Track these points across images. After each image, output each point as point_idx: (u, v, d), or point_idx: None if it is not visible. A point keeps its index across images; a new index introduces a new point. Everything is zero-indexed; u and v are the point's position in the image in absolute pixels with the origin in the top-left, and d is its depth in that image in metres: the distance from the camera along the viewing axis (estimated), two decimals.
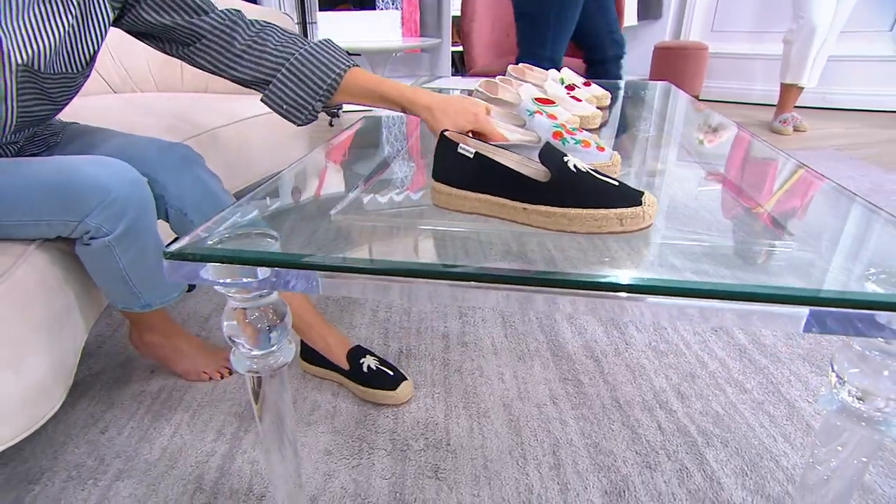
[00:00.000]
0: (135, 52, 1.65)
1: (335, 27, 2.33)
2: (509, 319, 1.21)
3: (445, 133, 0.61)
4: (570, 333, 1.16)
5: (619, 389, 1.00)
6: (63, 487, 0.79)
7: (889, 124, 3.14)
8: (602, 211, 0.54)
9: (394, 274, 0.48)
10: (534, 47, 1.91)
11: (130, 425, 0.91)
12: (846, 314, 0.44)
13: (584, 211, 0.54)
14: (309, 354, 1.01)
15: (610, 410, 0.95)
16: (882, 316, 0.44)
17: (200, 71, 0.82)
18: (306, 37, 1.62)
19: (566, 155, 0.57)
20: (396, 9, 3.16)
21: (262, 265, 0.50)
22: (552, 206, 0.55)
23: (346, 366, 0.98)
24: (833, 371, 0.52)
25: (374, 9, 3.17)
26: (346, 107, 3.25)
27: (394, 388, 0.95)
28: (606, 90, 1.24)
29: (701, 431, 0.90)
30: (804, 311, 0.45)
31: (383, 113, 1.07)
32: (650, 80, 2.73)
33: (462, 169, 0.60)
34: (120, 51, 1.63)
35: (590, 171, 0.56)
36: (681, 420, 0.92)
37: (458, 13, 3.17)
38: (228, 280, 0.52)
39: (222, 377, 1.02)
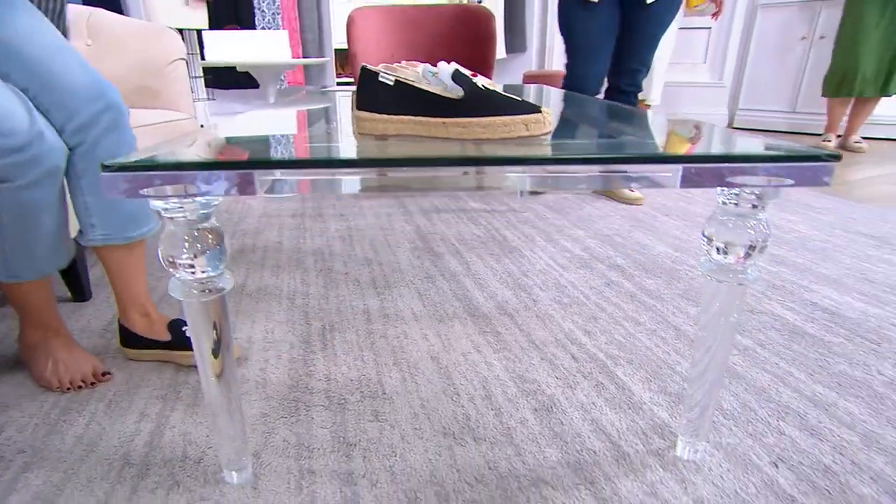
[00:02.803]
0: None
1: (224, 46, 2.32)
2: (426, 292, 1.27)
3: (365, 65, 0.67)
4: (482, 298, 1.24)
5: (533, 334, 1.08)
6: None
7: None
8: (510, 118, 0.63)
9: (343, 165, 0.53)
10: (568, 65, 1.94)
11: (34, 423, 0.83)
12: (708, 168, 0.56)
13: (496, 118, 0.63)
14: (131, 340, 0.98)
15: (528, 350, 1.03)
16: (728, 168, 0.56)
17: None
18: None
19: (475, 77, 0.66)
20: (277, 29, 3.19)
21: (216, 168, 0.52)
22: (467, 117, 0.63)
23: (167, 337, 0.97)
24: (704, 237, 0.65)
25: (255, 28, 3.18)
26: None
27: None
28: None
29: (609, 356, 1.01)
30: (678, 168, 0.56)
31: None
32: None
33: (383, 96, 0.66)
34: None
35: (496, 89, 0.65)
36: (590, 350, 1.03)
37: (341, 45, 3.27)
38: (170, 193, 0.54)
39: (79, 388, 0.91)
